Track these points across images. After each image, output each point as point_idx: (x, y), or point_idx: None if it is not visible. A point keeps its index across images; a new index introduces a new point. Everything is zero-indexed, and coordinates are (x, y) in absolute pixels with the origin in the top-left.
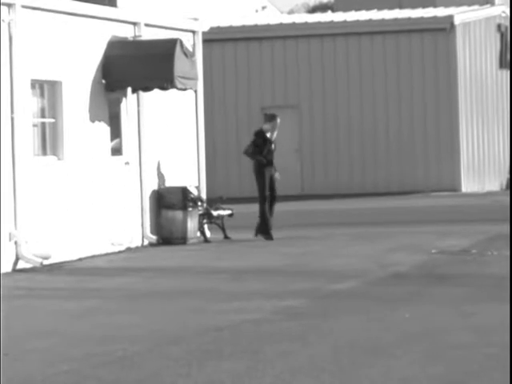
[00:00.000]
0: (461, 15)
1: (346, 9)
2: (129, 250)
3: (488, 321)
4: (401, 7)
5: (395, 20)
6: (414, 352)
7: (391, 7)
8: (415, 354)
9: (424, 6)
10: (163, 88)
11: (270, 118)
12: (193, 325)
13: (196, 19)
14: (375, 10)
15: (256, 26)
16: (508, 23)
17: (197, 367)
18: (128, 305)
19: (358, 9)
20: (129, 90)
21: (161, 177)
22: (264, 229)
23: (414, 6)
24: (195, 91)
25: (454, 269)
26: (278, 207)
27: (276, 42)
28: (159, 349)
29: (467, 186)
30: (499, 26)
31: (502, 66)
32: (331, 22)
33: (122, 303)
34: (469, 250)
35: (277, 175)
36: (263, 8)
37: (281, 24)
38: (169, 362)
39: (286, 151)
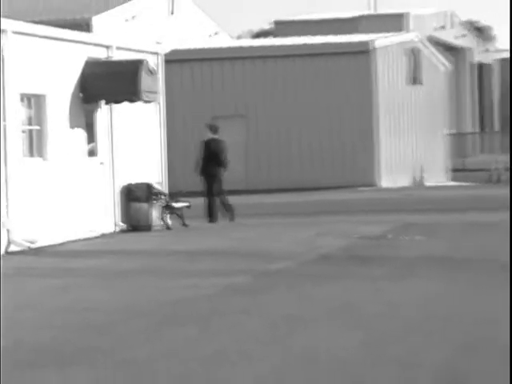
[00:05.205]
0: (379, 40)
1: (284, 35)
2: (103, 235)
3: (401, 296)
4: (329, 33)
5: (325, 44)
6: (338, 322)
7: (323, 33)
8: (339, 324)
9: (349, 33)
10: (131, 101)
11: (216, 129)
12: (155, 299)
13: (159, 43)
14: (309, 36)
15: (209, 49)
16: (419, 46)
17: (158, 334)
18: (102, 282)
19: (295, 35)
20: (102, 102)
21: (132, 174)
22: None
23: (341, 33)
24: (158, 103)
25: (372, 251)
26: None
27: (226, 63)
28: (127, 319)
29: (385, 182)
30: (411, 49)
31: (411, 82)
32: (272, 46)
33: (97, 281)
34: (385, 235)
35: None
36: (215, 33)
37: (230, 47)
38: (135, 330)
39: (235, 152)
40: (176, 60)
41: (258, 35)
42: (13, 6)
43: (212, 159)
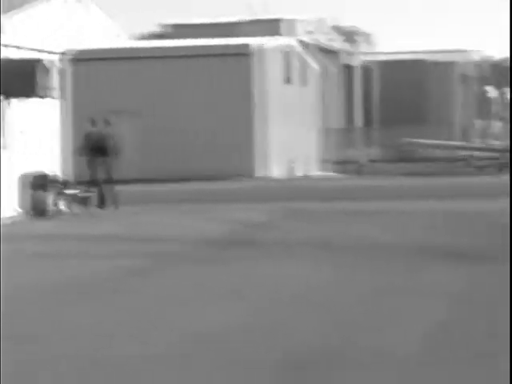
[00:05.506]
0: (258, 43)
1: (178, 37)
2: (5, 220)
3: (281, 279)
4: (216, 36)
5: (209, 46)
6: (222, 304)
7: (212, 36)
8: (223, 306)
9: (231, 36)
10: (28, 96)
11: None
12: (56, 280)
13: (62, 43)
14: (199, 39)
15: (111, 49)
16: (293, 49)
17: (55, 314)
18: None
19: (186, 37)
20: (2, 98)
21: (33, 165)
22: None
23: (225, 36)
24: (56, 99)
25: (255, 236)
26: (122, 187)
27: (125, 62)
28: (35, 298)
29: (262, 172)
30: (286, 52)
31: (286, 82)
32: (164, 47)
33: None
34: (266, 221)
35: None
36: (117, 36)
37: (130, 48)
38: (35, 310)
39: (132, 144)
40: (81, 59)
41: (151, 37)
42: None
43: (100, 149)
